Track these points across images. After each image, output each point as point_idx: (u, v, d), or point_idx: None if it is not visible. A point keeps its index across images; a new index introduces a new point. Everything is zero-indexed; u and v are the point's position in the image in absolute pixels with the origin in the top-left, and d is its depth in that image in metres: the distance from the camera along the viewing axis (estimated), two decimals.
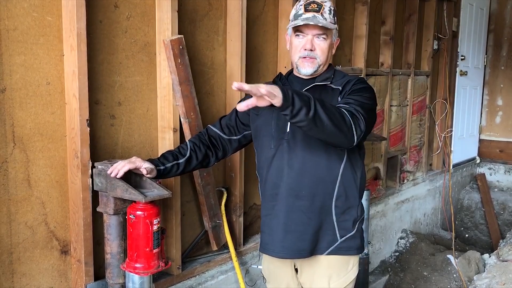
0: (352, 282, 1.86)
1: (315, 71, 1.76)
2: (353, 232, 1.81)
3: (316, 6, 1.71)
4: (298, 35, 1.75)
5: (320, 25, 1.68)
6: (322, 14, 1.70)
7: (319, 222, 1.77)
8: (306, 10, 1.71)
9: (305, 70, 1.76)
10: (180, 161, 1.83)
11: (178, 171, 1.84)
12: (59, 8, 1.76)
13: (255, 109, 1.83)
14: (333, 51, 1.81)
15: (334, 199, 1.76)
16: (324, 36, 1.72)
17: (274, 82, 1.88)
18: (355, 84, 1.75)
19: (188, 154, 1.85)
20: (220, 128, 1.95)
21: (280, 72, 1.96)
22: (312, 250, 1.78)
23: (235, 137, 1.96)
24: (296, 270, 1.90)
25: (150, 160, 1.79)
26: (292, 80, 1.85)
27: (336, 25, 1.75)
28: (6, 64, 1.65)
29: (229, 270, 2.52)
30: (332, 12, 1.73)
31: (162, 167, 1.79)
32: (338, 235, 1.79)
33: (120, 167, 1.71)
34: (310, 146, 1.73)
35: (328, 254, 1.79)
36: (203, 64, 2.35)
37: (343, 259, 1.82)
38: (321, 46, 1.73)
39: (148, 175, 1.75)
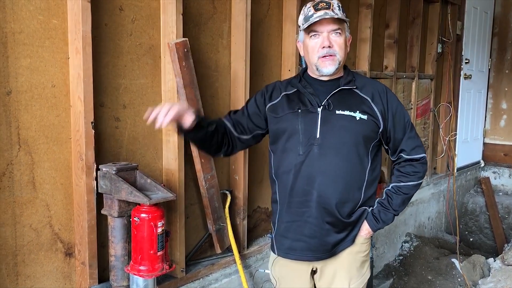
0: (365, 284, 1.90)
1: (336, 69, 1.75)
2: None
3: (325, 4, 1.71)
4: (312, 35, 1.73)
5: (336, 17, 1.68)
6: (332, 10, 1.69)
7: (351, 226, 1.81)
8: (316, 10, 1.70)
9: (327, 69, 1.74)
10: (209, 129, 1.75)
11: (205, 138, 1.75)
12: (64, 11, 1.77)
13: (274, 111, 1.82)
14: (348, 49, 1.80)
15: (359, 204, 1.81)
16: (339, 31, 1.72)
17: (290, 83, 1.85)
18: (389, 101, 1.80)
19: (214, 128, 1.77)
20: (232, 125, 1.88)
21: (299, 73, 1.90)
22: (346, 242, 1.84)
23: (244, 137, 1.89)
24: (314, 272, 1.90)
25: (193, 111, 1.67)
26: (312, 83, 1.81)
27: (346, 20, 1.75)
28: (12, 66, 1.66)
29: (233, 273, 2.51)
30: (341, 8, 1.73)
31: (205, 123, 1.71)
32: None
33: (168, 112, 1.54)
34: (341, 152, 1.73)
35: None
36: (207, 67, 2.36)
37: (361, 262, 1.87)
38: (338, 42, 1.72)
39: (187, 127, 1.63)
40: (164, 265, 1.82)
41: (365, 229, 1.83)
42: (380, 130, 1.78)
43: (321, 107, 1.74)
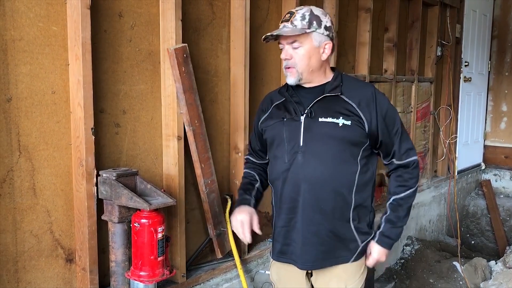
0: (363, 284, 1.90)
1: (299, 80, 1.75)
2: (371, 236, 1.86)
3: (288, 15, 1.73)
4: (280, 47, 1.77)
5: (284, 34, 1.69)
6: (291, 22, 1.70)
7: (339, 233, 1.78)
8: (281, 22, 1.74)
9: (289, 80, 1.77)
10: (257, 185, 1.95)
11: (261, 194, 1.97)
12: (64, 18, 1.78)
13: (266, 122, 1.87)
14: (324, 56, 1.75)
15: (351, 210, 1.78)
16: (296, 43, 1.71)
17: (279, 92, 1.89)
18: (377, 105, 1.76)
19: (258, 178, 1.97)
20: (258, 157, 2.00)
21: (286, 83, 1.93)
22: (335, 259, 1.80)
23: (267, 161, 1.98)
24: (310, 273, 1.90)
25: (245, 201, 1.88)
26: (299, 90, 1.82)
27: (312, 29, 1.69)
28: (12, 73, 1.66)
29: (234, 278, 2.51)
30: (306, 17, 1.70)
31: (254, 201, 1.90)
32: (359, 242, 1.82)
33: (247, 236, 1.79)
34: (325, 159, 1.73)
35: (353, 261, 1.82)
36: (207, 72, 2.37)
37: (357, 263, 1.85)
38: (297, 53, 1.72)
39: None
40: (165, 270, 1.82)
41: (377, 252, 1.82)
42: (368, 135, 1.76)
43: (304, 115, 1.76)
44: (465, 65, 5.01)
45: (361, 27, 3.48)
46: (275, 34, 1.70)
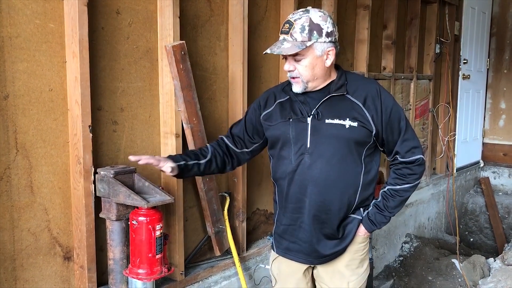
0: (365, 282, 1.93)
1: (305, 88, 1.75)
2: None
3: (287, 26, 1.68)
4: (283, 57, 1.76)
5: (284, 53, 1.68)
6: (291, 35, 1.67)
7: (343, 229, 1.83)
8: (280, 33, 1.72)
9: (295, 89, 1.77)
10: (201, 161, 1.86)
11: (199, 171, 1.86)
12: (61, 15, 1.77)
13: (268, 119, 1.87)
14: (328, 62, 1.72)
15: (353, 207, 1.83)
16: (299, 56, 1.69)
17: (283, 89, 1.88)
18: (382, 103, 1.74)
19: (209, 157, 1.88)
20: (232, 142, 1.97)
21: (288, 81, 1.91)
22: (337, 252, 1.85)
23: (246, 150, 1.98)
24: (313, 267, 1.94)
25: (172, 157, 1.79)
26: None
27: (313, 40, 1.66)
28: (9, 71, 1.66)
29: (232, 276, 2.51)
30: (306, 28, 1.66)
31: (182, 163, 1.79)
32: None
33: (144, 157, 1.71)
34: (331, 161, 1.74)
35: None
36: (205, 69, 2.36)
37: (359, 260, 1.89)
38: (301, 65, 1.71)
39: (170, 174, 1.75)
40: (163, 268, 1.82)
41: (361, 231, 1.85)
42: (373, 133, 1.76)
43: (311, 116, 1.75)
44: (464, 63, 5.01)
45: (360, 24, 3.47)
46: (275, 53, 1.68)
